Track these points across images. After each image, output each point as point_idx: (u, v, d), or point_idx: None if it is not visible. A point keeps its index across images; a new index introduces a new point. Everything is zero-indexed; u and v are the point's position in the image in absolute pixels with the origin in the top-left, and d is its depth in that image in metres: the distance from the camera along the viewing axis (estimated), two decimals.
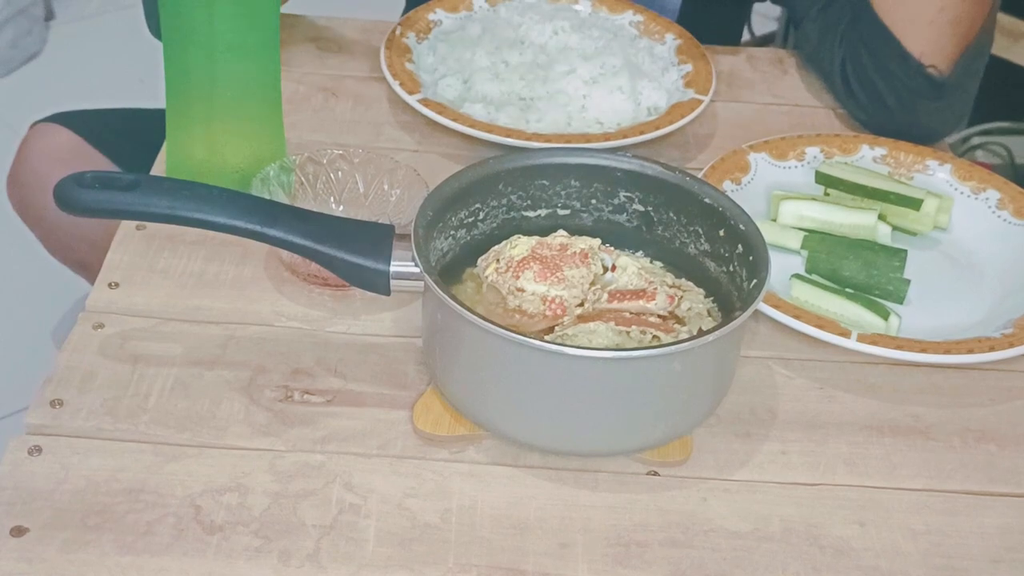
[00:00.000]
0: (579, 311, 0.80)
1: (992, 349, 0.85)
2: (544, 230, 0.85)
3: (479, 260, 0.84)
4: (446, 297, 0.71)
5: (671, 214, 0.86)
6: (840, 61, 1.14)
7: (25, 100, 2.32)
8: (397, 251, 0.76)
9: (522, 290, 0.80)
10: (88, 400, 0.78)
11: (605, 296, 0.80)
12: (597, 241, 0.84)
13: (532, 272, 0.80)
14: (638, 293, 0.80)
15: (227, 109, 0.92)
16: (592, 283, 0.81)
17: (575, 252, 0.82)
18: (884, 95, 1.10)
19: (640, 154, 0.87)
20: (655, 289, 0.80)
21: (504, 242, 0.83)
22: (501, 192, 0.85)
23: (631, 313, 0.79)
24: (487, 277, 0.81)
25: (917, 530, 0.75)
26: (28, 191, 1.31)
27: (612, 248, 0.85)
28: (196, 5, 0.87)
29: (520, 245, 0.82)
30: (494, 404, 0.75)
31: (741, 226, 0.81)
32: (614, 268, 0.83)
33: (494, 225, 0.86)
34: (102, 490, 0.72)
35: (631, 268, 0.82)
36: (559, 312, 0.79)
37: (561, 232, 0.85)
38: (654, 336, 0.78)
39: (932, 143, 1.10)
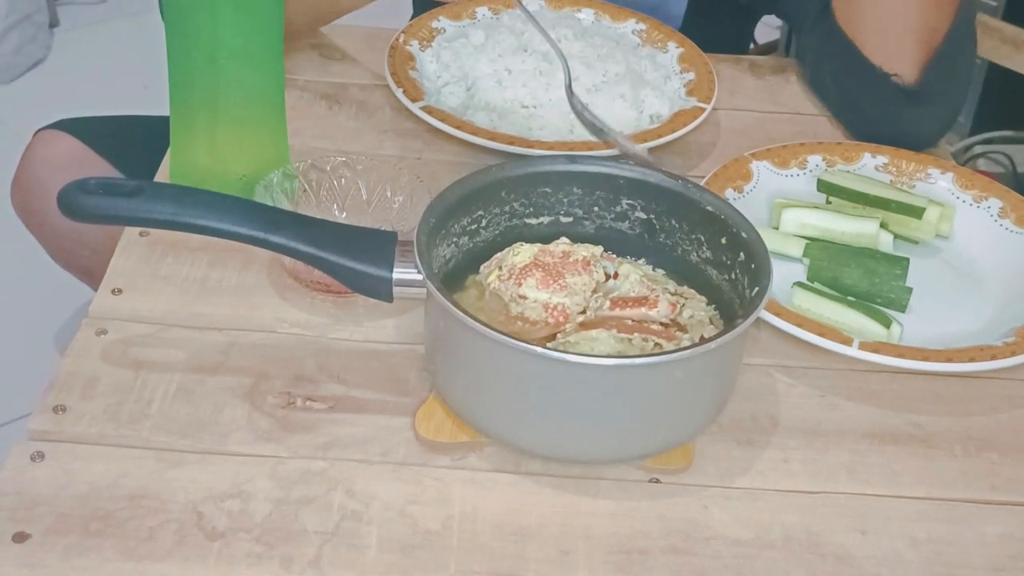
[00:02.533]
0: (581, 319, 0.80)
1: (994, 358, 0.85)
2: (547, 237, 0.85)
3: (481, 267, 0.84)
4: (448, 304, 0.72)
5: (673, 222, 0.86)
6: (830, 74, 1.15)
7: (29, 107, 2.33)
8: (400, 258, 0.76)
9: (524, 297, 0.80)
10: (91, 406, 0.78)
11: (607, 303, 0.80)
12: (599, 249, 0.84)
13: (534, 279, 0.80)
14: (640, 300, 0.80)
15: (231, 116, 0.93)
16: (594, 290, 0.82)
17: (577, 259, 0.82)
18: (862, 106, 1.11)
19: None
20: (657, 297, 0.80)
21: (507, 249, 0.83)
22: (504, 199, 0.85)
23: (633, 320, 0.79)
24: (489, 284, 0.82)
25: (919, 538, 0.75)
26: (32, 197, 1.31)
27: (614, 255, 0.85)
28: (200, 12, 0.88)
29: (522, 252, 0.82)
30: (496, 411, 0.75)
31: (743, 234, 0.81)
32: (616, 276, 0.83)
33: (497, 232, 0.86)
34: (104, 496, 0.72)
35: (633, 276, 0.82)
36: (561, 319, 0.79)
37: (563, 240, 0.85)
38: (656, 343, 0.78)
39: (923, 149, 1.10)
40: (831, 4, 1.13)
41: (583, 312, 0.80)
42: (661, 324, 0.80)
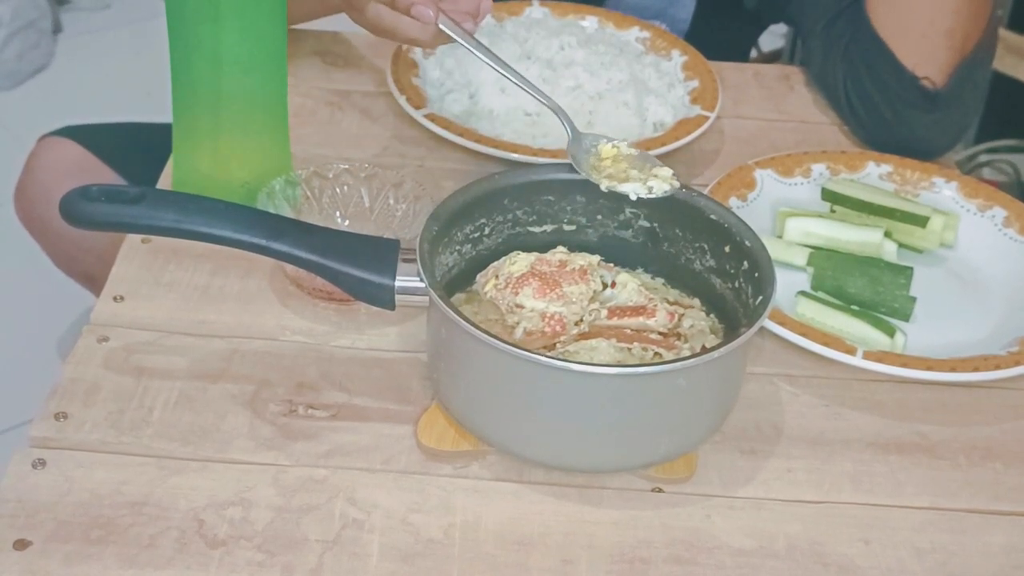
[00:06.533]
0: (576, 329, 0.79)
1: (998, 367, 0.84)
2: (549, 246, 0.85)
3: (478, 276, 0.83)
4: (451, 312, 0.71)
5: (677, 230, 0.86)
6: (842, 77, 1.15)
7: (32, 113, 2.33)
8: (402, 266, 0.76)
9: (521, 306, 0.79)
10: (92, 413, 0.78)
11: (604, 313, 0.80)
12: (596, 258, 0.84)
13: (531, 288, 0.79)
14: (638, 310, 0.80)
15: (233, 123, 0.92)
16: (591, 300, 0.81)
17: (574, 269, 0.81)
18: (881, 108, 1.10)
19: None
20: (655, 306, 0.80)
21: (503, 258, 0.83)
22: (507, 207, 0.85)
23: (632, 330, 0.79)
24: (486, 293, 0.81)
25: (923, 548, 0.75)
26: (35, 204, 1.31)
27: (612, 265, 0.85)
28: (203, 19, 0.88)
29: (519, 261, 0.81)
30: (498, 419, 0.75)
31: (747, 242, 0.81)
32: (613, 285, 0.82)
33: (499, 240, 0.86)
34: (105, 503, 0.72)
35: (631, 285, 0.82)
36: (558, 329, 0.79)
37: (560, 248, 0.84)
38: (656, 353, 0.78)
39: (932, 158, 1.10)
40: (857, 4, 1.13)
41: (579, 322, 0.80)
42: (660, 334, 0.79)
